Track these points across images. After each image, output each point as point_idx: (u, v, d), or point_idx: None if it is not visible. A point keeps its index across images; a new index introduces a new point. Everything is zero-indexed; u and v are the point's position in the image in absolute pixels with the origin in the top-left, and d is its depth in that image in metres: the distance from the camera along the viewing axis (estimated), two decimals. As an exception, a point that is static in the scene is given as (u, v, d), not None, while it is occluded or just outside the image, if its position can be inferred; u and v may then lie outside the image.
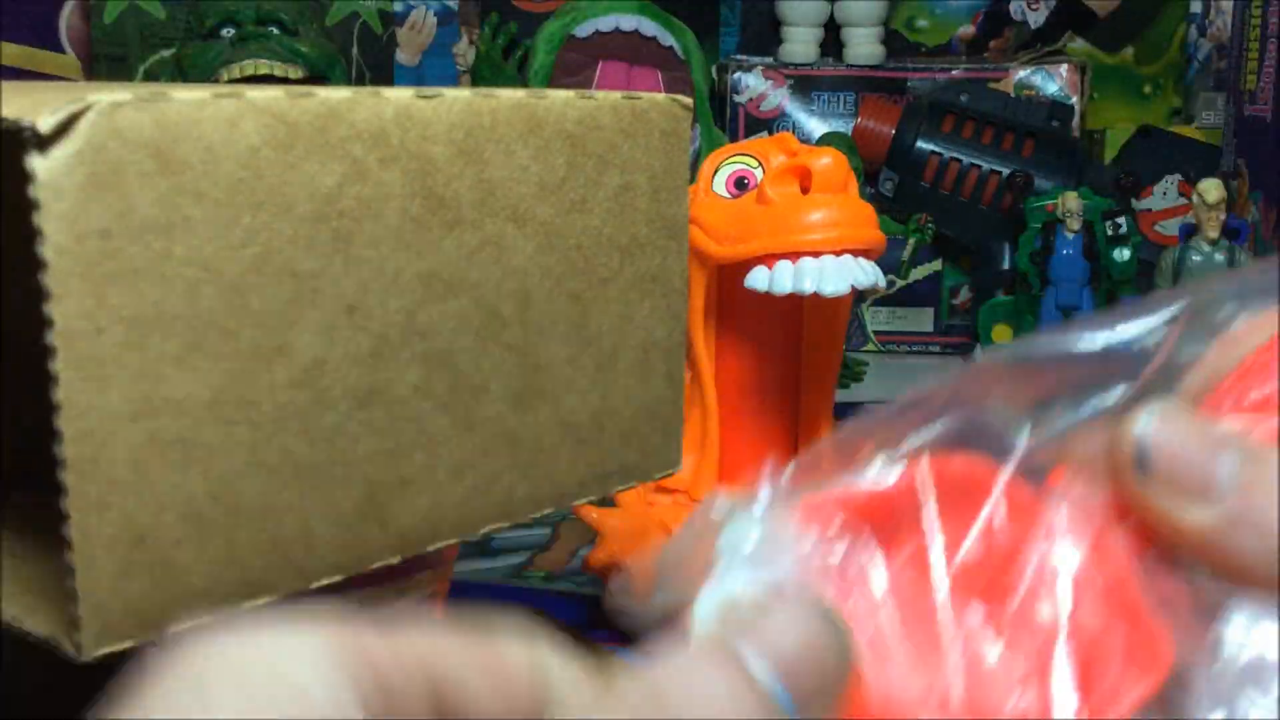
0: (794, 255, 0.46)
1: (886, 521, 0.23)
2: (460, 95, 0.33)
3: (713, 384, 0.52)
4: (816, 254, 0.46)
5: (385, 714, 0.18)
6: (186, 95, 0.27)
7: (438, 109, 0.33)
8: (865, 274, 0.46)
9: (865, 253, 0.47)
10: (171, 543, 0.28)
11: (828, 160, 0.47)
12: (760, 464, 0.54)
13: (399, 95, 0.32)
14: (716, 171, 0.51)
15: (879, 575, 0.22)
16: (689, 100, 0.40)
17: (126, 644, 0.28)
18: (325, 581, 0.32)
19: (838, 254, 0.46)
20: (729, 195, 0.50)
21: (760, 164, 0.50)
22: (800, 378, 0.54)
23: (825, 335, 0.53)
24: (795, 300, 0.48)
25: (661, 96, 0.39)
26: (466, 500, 0.35)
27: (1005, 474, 0.23)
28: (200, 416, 0.28)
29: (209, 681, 0.18)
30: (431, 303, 0.33)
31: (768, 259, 0.47)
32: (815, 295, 0.46)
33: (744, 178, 0.50)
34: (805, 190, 0.48)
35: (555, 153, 0.36)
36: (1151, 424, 0.24)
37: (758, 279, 0.47)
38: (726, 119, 1.03)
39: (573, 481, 0.38)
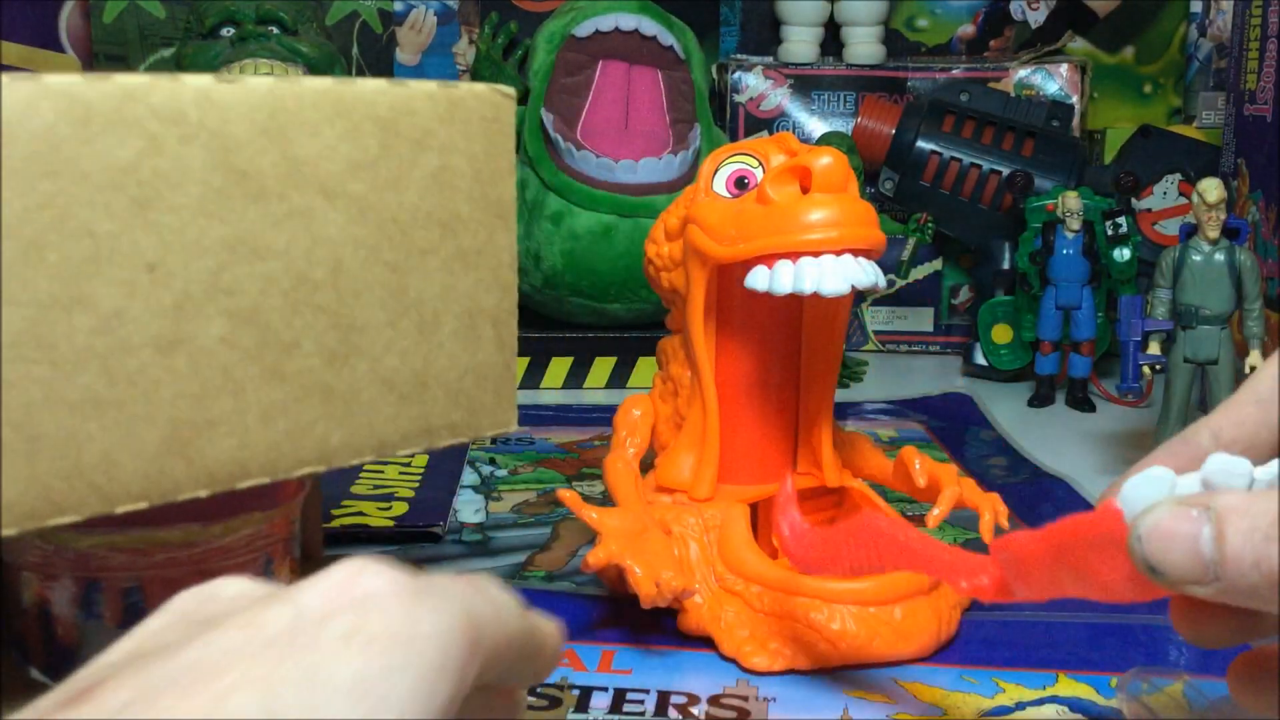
0: (794, 255, 0.46)
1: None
2: (263, 82, 0.37)
3: (712, 383, 0.51)
4: (816, 254, 0.46)
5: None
6: None
7: (237, 93, 0.36)
8: (865, 274, 0.46)
9: (865, 253, 0.47)
10: None
11: (828, 160, 0.47)
12: (760, 462, 0.54)
13: (199, 80, 0.36)
14: (717, 171, 0.51)
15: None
16: (510, 90, 0.44)
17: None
18: (130, 507, 0.35)
19: (837, 254, 0.46)
20: (729, 195, 0.50)
21: (760, 163, 0.50)
22: (801, 377, 0.54)
23: (825, 334, 0.52)
24: (795, 299, 0.48)
25: (482, 86, 0.43)
26: (277, 444, 0.39)
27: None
28: (3, 355, 0.32)
29: None
30: (236, 265, 0.37)
31: (768, 259, 0.47)
32: (815, 295, 0.46)
33: (744, 177, 0.50)
34: (805, 190, 0.47)
35: (366, 134, 0.39)
36: (1145, 538, 0.30)
37: (758, 279, 0.47)
38: (726, 119, 1.03)
39: (395, 433, 0.42)
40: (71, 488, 0.34)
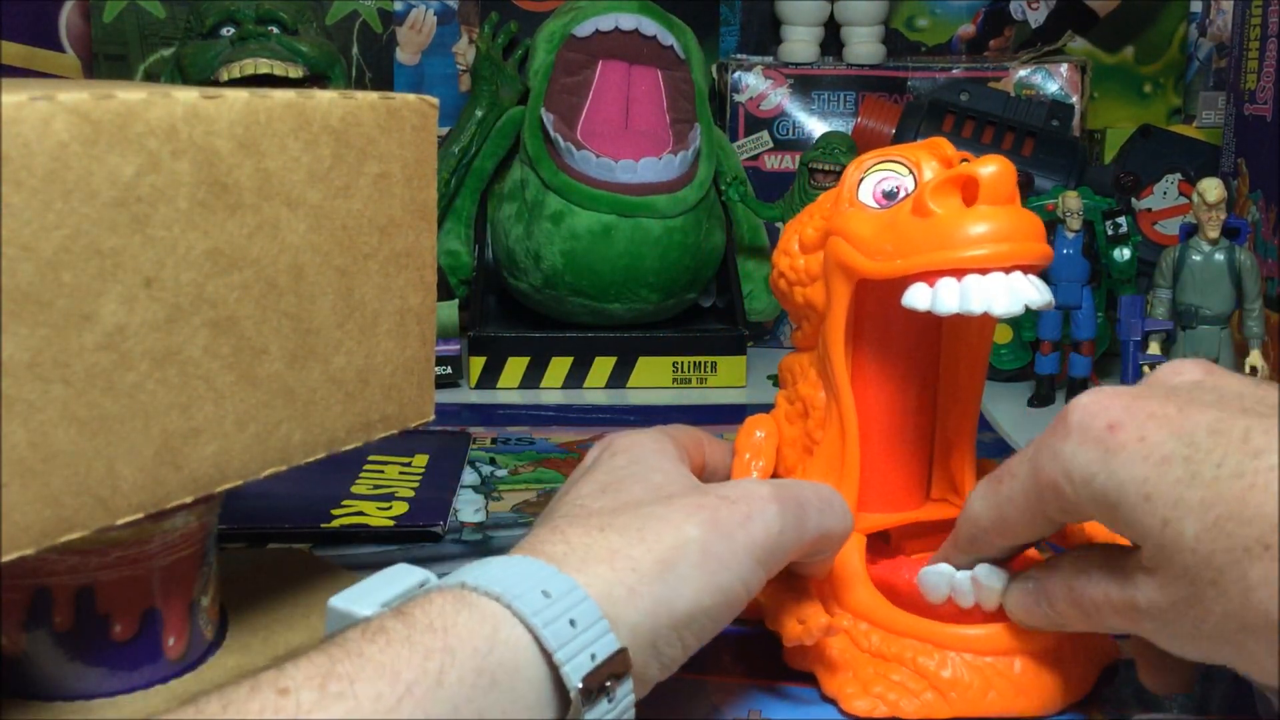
0: (959, 272, 0.43)
1: None
2: (240, 95, 0.38)
3: (852, 406, 0.48)
4: (984, 271, 0.42)
5: None
6: (10, 99, 0.32)
7: (220, 108, 0.37)
8: (1039, 292, 0.43)
9: (1034, 268, 0.43)
10: None
11: (994, 168, 0.43)
12: (891, 490, 0.51)
13: (187, 95, 0.37)
14: (862, 180, 0.47)
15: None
16: (434, 100, 0.46)
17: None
18: (129, 518, 0.36)
19: (1007, 271, 0.42)
20: (878, 206, 0.46)
21: (911, 171, 0.46)
22: (939, 403, 0.51)
23: (970, 356, 0.49)
24: (934, 320, 0.45)
25: (412, 96, 0.45)
26: (250, 447, 0.40)
27: None
28: (21, 376, 0.32)
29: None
30: (218, 276, 0.38)
31: (928, 276, 0.43)
32: (955, 315, 0.43)
33: (895, 187, 0.46)
34: (968, 202, 0.44)
35: (322, 145, 0.41)
36: (1012, 610, 0.45)
37: (917, 297, 0.43)
38: (726, 118, 1.03)
39: (342, 429, 0.44)
40: (80, 503, 0.35)
